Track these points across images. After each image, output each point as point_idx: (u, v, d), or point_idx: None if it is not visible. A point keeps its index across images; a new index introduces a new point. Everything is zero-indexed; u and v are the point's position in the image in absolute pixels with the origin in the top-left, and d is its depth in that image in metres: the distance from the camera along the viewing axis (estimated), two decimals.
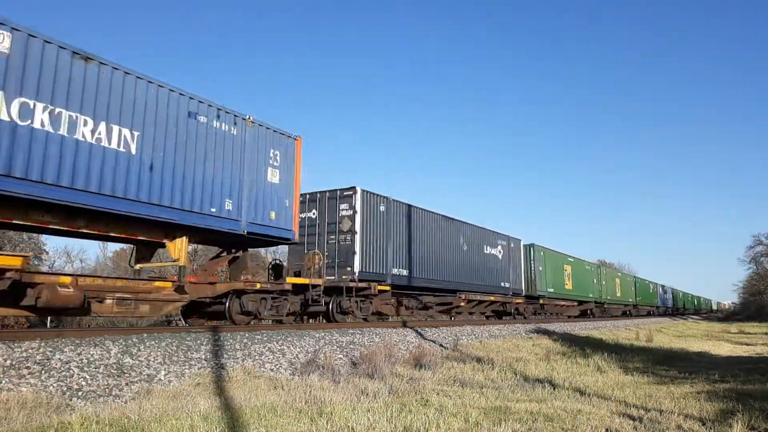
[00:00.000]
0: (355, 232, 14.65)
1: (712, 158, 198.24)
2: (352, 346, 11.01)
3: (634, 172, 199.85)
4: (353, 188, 14.91)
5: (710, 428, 5.43)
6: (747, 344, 21.04)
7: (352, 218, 14.68)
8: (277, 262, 14.67)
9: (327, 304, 14.41)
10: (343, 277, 14.54)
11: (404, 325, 15.52)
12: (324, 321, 15.06)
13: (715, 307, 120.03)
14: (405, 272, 16.56)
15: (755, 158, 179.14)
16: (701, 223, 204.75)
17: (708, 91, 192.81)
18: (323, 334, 11.44)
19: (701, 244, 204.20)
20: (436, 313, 19.88)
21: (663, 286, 61.37)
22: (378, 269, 15.36)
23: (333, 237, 14.96)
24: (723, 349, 18.87)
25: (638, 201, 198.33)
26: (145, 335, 8.65)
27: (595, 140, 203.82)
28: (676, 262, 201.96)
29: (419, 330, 14.64)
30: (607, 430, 5.31)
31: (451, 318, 22.29)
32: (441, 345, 13.07)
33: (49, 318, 16.35)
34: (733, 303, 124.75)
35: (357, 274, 14.50)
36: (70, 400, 6.03)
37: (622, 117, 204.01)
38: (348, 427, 5.06)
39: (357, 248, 14.57)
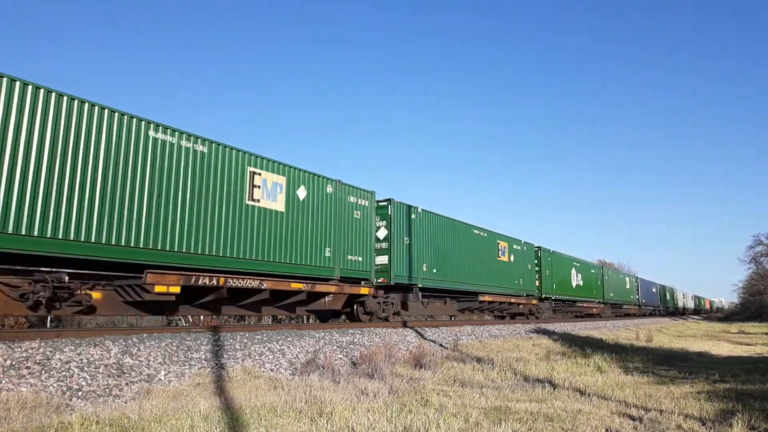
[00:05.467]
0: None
1: (712, 158, 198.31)
2: (352, 346, 11.01)
3: (634, 172, 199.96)
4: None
5: (710, 428, 5.43)
6: (747, 344, 21.04)
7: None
8: None
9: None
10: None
11: (404, 325, 15.53)
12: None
13: (682, 304, 73.25)
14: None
15: (755, 158, 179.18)
16: (701, 223, 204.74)
17: (708, 91, 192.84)
18: (323, 334, 11.44)
19: (701, 244, 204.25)
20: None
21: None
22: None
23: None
24: (723, 349, 18.87)
25: (638, 201, 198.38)
26: (145, 335, 8.65)
27: (594, 140, 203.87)
28: (676, 262, 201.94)
29: (419, 330, 14.64)
30: (607, 430, 5.31)
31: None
32: (441, 345, 13.07)
33: (49, 318, 16.37)
34: (731, 302, 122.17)
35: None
36: (70, 400, 6.03)
37: (622, 116, 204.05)
38: (348, 427, 5.06)
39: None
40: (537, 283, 26.88)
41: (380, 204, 16.27)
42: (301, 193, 12.96)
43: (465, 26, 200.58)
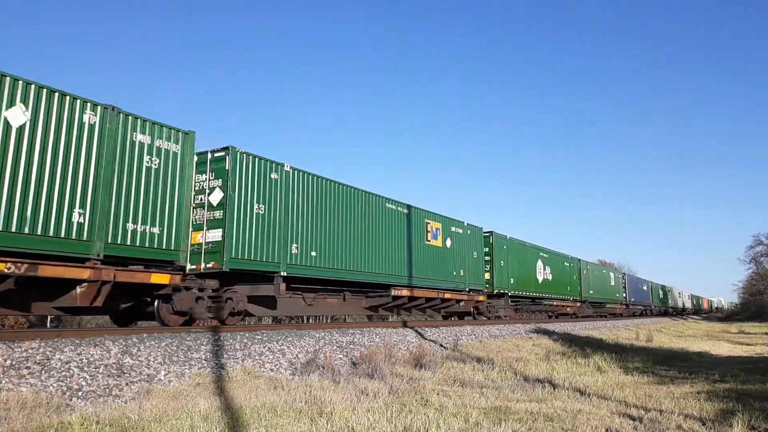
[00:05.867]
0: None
1: (712, 158, 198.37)
2: (352, 346, 11.02)
3: (634, 171, 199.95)
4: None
5: (710, 428, 5.43)
6: (747, 344, 21.04)
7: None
8: None
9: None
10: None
11: (404, 325, 15.54)
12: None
13: (678, 303, 68.90)
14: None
15: (755, 158, 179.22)
16: (701, 223, 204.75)
17: (708, 90, 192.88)
18: (323, 334, 11.45)
19: (701, 244, 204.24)
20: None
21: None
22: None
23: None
24: (723, 349, 18.87)
25: (638, 201, 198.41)
26: (145, 335, 8.66)
27: (594, 139, 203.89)
28: (677, 262, 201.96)
29: (419, 330, 14.65)
30: (607, 430, 5.31)
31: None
32: (441, 345, 13.07)
33: (49, 318, 16.36)
34: (730, 302, 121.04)
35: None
36: (70, 400, 6.03)
37: (621, 115, 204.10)
38: (348, 427, 5.06)
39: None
40: (487, 275, 22.26)
41: (215, 155, 11.62)
42: (17, 116, 8.20)
43: (465, 25, 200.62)
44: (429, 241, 18.32)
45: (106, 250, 9.18)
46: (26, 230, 8.21)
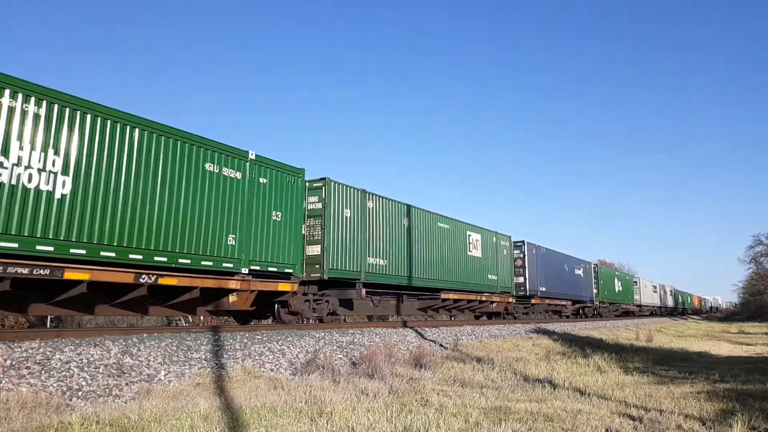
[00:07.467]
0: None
1: (712, 158, 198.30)
2: (352, 346, 11.01)
3: (635, 172, 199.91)
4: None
5: (710, 428, 5.43)
6: (747, 344, 21.03)
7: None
8: None
9: None
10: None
11: (404, 325, 15.52)
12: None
13: (648, 300, 47.67)
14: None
15: (755, 158, 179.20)
16: (701, 223, 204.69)
17: (708, 90, 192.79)
18: (323, 334, 11.44)
19: (701, 244, 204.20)
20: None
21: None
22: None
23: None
24: (723, 349, 18.86)
25: (638, 201, 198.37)
26: (145, 335, 8.65)
27: (595, 140, 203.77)
28: (676, 262, 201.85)
29: (419, 330, 14.64)
30: (607, 430, 5.31)
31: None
32: (441, 345, 13.07)
33: (49, 318, 16.38)
34: (728, 302, 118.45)
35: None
36: (70, 400, 6.03)
37: (621, 116, 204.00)
38: (348, 427, 5.06)
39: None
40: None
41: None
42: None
43: (460, 20, 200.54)
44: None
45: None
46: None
